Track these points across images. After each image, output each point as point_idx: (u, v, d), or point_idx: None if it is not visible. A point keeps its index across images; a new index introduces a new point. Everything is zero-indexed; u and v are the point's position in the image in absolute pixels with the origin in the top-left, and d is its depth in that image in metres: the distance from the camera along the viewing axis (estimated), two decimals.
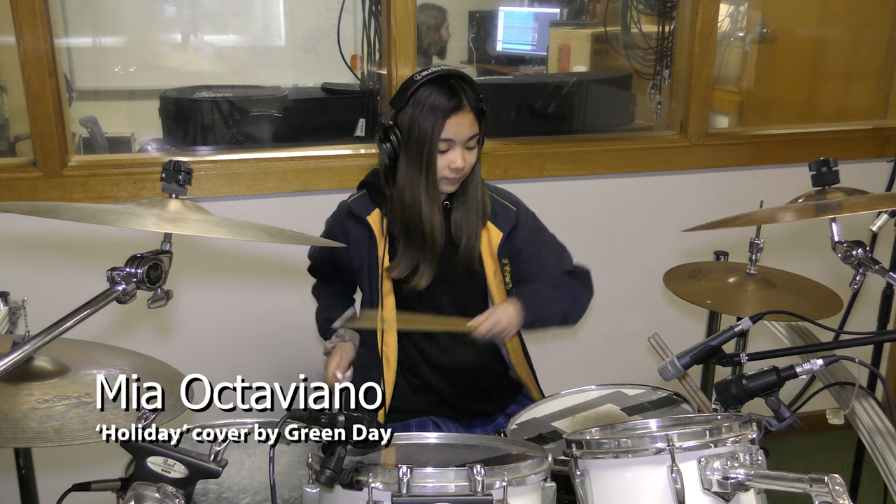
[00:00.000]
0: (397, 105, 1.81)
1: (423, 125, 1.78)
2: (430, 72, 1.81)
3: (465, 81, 1.82)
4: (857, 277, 1.59)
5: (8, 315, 1.91)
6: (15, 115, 2.81)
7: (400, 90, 1.83)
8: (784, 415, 1.37)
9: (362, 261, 1.94)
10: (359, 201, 1.95)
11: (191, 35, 3.80)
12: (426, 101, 1.78)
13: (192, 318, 2.44)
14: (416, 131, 1.79)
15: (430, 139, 1.78)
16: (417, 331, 1.96)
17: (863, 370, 2.18)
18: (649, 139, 2.89)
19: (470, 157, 1.85)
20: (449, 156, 1.81)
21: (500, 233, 1.96)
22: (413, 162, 1.82)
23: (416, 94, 1.79)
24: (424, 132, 1.78)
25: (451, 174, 1.83)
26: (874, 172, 2.83)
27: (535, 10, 4.35)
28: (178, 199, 1.31)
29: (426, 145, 1.79)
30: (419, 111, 1.78)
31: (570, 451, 1.39)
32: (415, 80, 1.80)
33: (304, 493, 1.28)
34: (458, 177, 1.85)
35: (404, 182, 1.84)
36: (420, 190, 1.83)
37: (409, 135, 1.80)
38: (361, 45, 2.68)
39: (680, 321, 2.82)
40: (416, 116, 1.79)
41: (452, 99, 1.78)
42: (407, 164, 1.82)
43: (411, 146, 1.81)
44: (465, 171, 1.85)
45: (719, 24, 2.75)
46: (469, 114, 1.80)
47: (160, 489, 1.13)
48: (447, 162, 1.82)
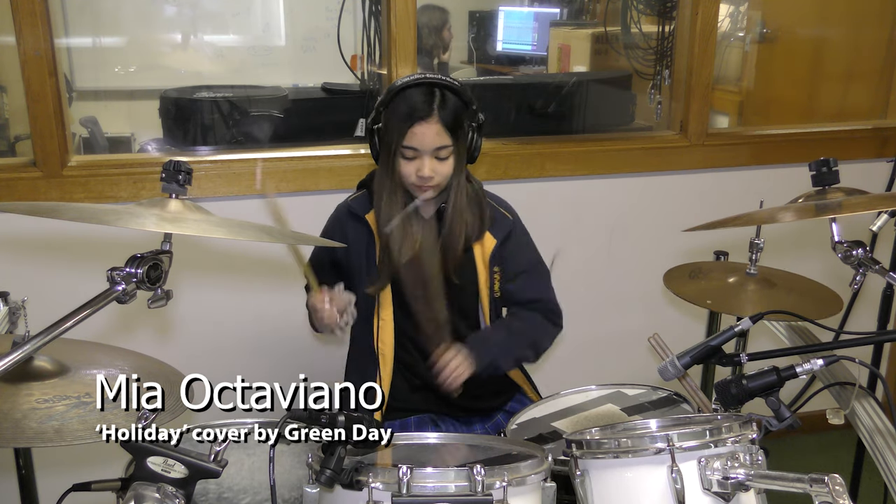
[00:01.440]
0: (381, 107, 1.84)
1: (391, 130, 1.81)
2: (413, 78, 1.82)
3: (448, 91, 1.80)
4: (857, 277, 1.59)
5: (8, 315, 1.91)
6: (15, 115, 2.81)
7: (385, 93, 1.84)
8: (784, 415, 1.38)
9: (361, 259, 1.94)
10: (358, 201, 1.97)
11: (191, 35, 3.80)
12: (399, 108, 1.80)
13: (192, 318, 2.44)
14: (386, 136, 1.83)
15: (394, 144, 1.81)
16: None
17: (863, 370, 2.18)
18: (649, 139, 2.89)
19: (441, 167, 1.82)
20: (415, 163, 1.82)
21: (495, 240, 1.95)
22: (383, 164, 1.86)
23: (395, 98, 1.81)
24: (391, 137, 1.81)
25: (419, 182, 1.82)
26: (874, 172, 2.83)
27: (535, 10, 4.35)
28: (178, 199, 1.31)
29: (391, 150, 1.82)
30: (392, 116, 1.81)
31: (570, 451, 1.40)
32: (395, 85, 1.82)
33: (304, 493, 1.28)
34: (429, 185, 1.83)
35: (377, 185, 1.89)
36: (384, 192, 1.87)
37: (382, 139, 1.84)
38: (361, 45, 2.68)
39: (680, 321, 2.82)
40: (388, 120, 1.82)
41: (421, 108, 1.78)
42: (379, 167, 1.88)
43: (383, 149, 1.85)
44: (435, 180, 1.83)
45: (719, 24, 2.75)
46: (436, 124, 1.78)
47: (160, 489, 1.13)
48: (414, 169, 1.82)
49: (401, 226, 1.86)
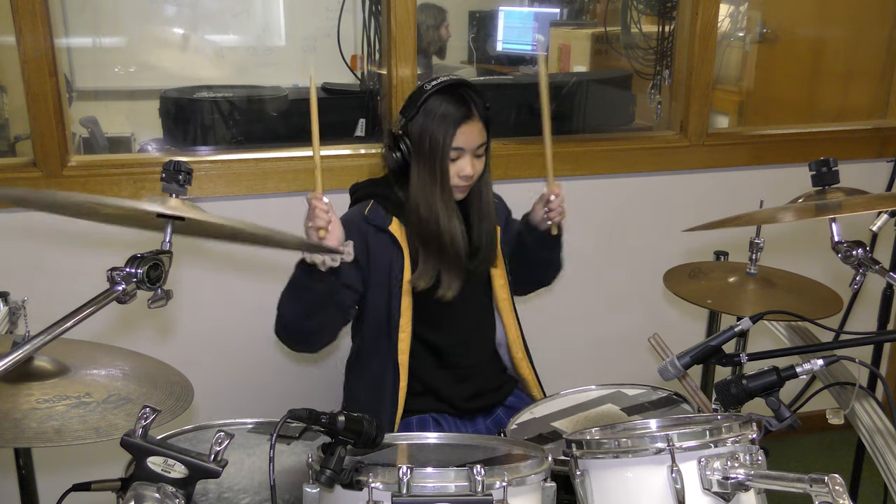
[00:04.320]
0: (408, 114, 1.83)
1: (435, 134, 1.81)
2: (440, 81, 1.83)
3: (472, 90, 1.85)
4: (857, 277, 1.60)
5: (8, 315, 1.91)
6: (15, 115, 2.82)
7: (410, 100, 1.85)
8: (784, 415, 1.38)
9: (385, 272, 1.89)
10: (374, 212, 1.90)
11: (191, 35, 3.80)
12: (437, 111, 1.81)
13: (192, 318, 2.44)
14: (428, 141, 1.81)
15: (441, 148, 1.81)
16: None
17: (863, 370, 2.18)
18: (649, 139, 2.89)
19: (479, 164, 1.88)
20: (459, 164, 1.84)
21: (499, 227, 2.02)
22: (426, 172, 1.83)
23: (427, 103, 1.81)
24: (436, 141, 1.81)
25: (462, 182, 1.86)
26: (874, 172, 2.83)
27: (535, 10, 4.35)
28: (178, 199, 1.31)
29: (438, 154, 1.81)
30: (430, 120, 1.81)
31: (570, 451, 1.39)
32: (425, 90, 1.82)
33: (304, 493, 1.28)
34: (467, 184, 1.88)
35: (418, 193, 1.85)
36: (436, 199, 1.84)
37: (420, 144, 1.82)
38: (361, 45, 2.68)
39: (680, 321, 2.82)
40: (427, 126, 1.81)
41: (462, 108, 1.81)
42: (419, 175, 1.84)
43: (423, 156, 1.83)
44: (473, 178, 1.88)
45: (719, 24, 2.75)
46: (478, 122, 1.84)
47: (160, 489, 1.13)
48: (457, 170, 1.84)
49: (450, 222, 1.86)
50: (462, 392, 2.01)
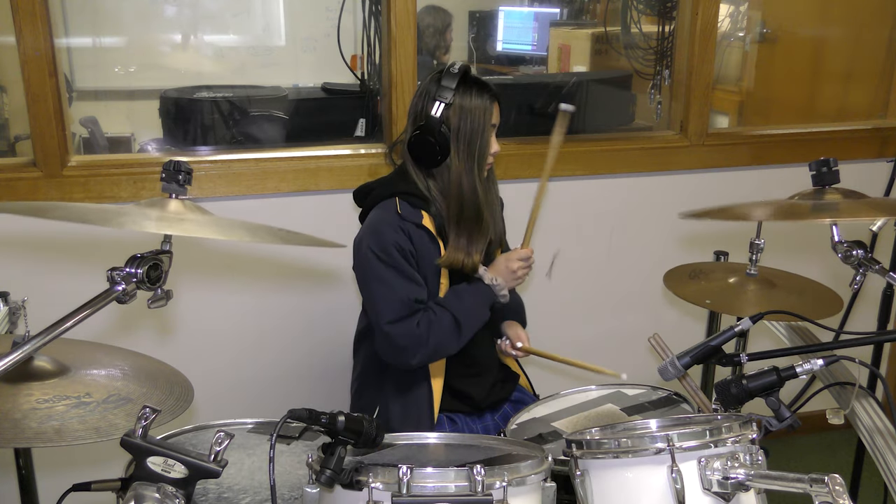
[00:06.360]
0: (444, 97, 1.85)
1: (475, 112, 1.86)
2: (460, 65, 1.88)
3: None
4: (857, 278, 1.60)
5: (8, 315, 1.91)
6: (15, 115, 2.81)
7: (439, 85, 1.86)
8: (784, 415, 1.38)
9: (429, 266, 1.92)
10: (405, 208, 1.91)
11: (191, 35, 3.80)
12: (473, 90, 1.86)
13: (192, 318, 2.44)
14: (469, 120, 1.86)
15: (482, 124, 1.86)
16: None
17: (863, 370, 2.18)
18: (649, 139, 2.89)
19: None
20: (491, 141, 1.91)
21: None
22: (465, 151, 1.88)
23: (462, 85, 1.86)
24: (478, 118, 1.86)
25: (491, 159, 1.93)
26: (874, 172, 2.83)
27: (535, 10, 4.36)
28: (178, 199, 1.31)
29: (480, 130, 1.87)
30: (470, 99, 1.85)
31: (570, 451, 1.39)
32: (453, 73, 1.86)
33: (304, 493, 1.28)
34: (492, 163, 1.95)
35: (459, 172, 1.89)
36: (474, 177, 1.89)
37: (461, 124, 1.86)
38: (361, 45, 2.68)
39: (680, 321, 2.82)
40: (466, 105, 1.85)
41: (488, 86, 1.89)
42: (459, 154, 1.88)
43: (464, 134, 1.87)
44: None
45: (719, 24, 2.75)
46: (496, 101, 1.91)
47: (160, 489, 1.13)
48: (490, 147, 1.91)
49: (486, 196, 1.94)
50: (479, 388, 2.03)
